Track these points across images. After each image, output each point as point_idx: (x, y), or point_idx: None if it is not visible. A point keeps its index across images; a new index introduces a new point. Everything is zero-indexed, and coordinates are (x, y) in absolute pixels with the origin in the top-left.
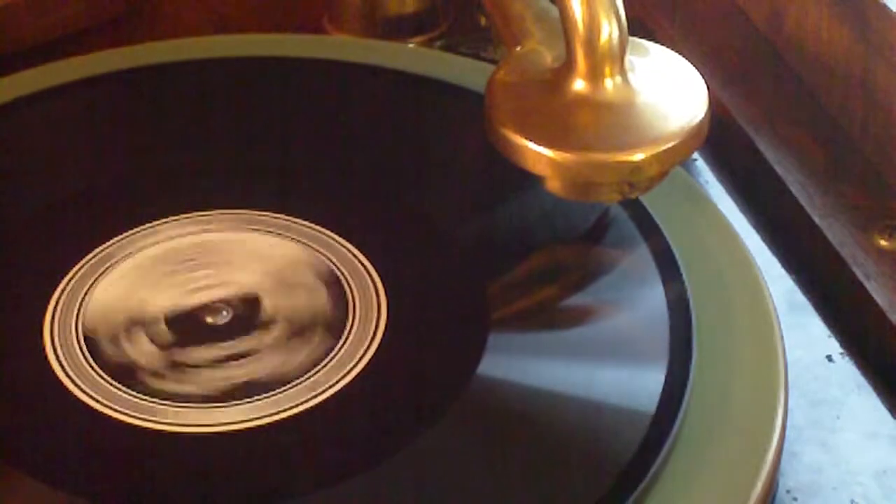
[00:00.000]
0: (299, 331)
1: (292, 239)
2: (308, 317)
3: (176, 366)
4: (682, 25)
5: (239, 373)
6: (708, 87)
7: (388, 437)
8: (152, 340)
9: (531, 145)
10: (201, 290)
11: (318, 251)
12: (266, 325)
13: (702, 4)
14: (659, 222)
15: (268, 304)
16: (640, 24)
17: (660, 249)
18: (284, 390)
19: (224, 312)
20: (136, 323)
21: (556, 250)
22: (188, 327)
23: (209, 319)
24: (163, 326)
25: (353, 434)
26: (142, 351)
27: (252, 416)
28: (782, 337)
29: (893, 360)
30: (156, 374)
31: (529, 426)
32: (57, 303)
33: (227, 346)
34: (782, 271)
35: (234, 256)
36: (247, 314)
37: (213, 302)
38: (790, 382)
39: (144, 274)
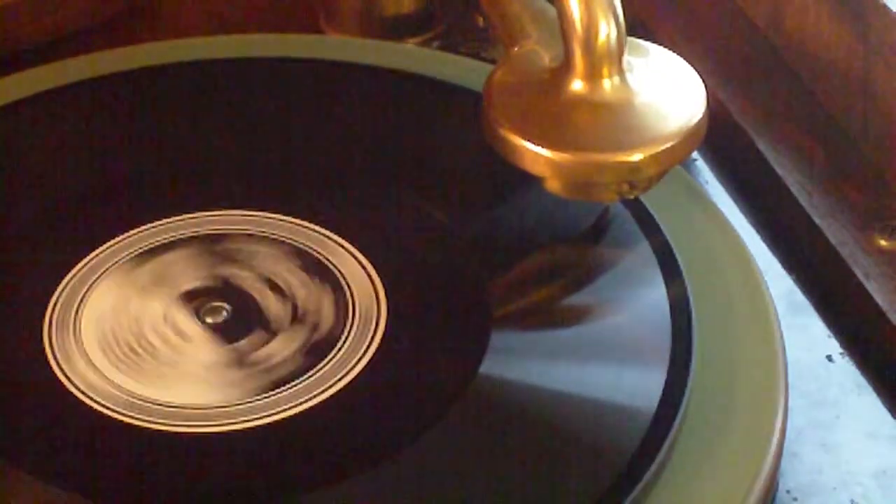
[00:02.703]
0: (299, 331)
1: (292, 239)
2: (308, 317)
3: (175, 366)
4: (682, 25)
5: (238, 373)
6: (708, 87)
7: (388, 436)
8: (152, 340)
9: (529, 146)
10: (201, 290)
11: (317, 251)
12: (265, 325)
13: (702, 4)
14: (659, 222)
15: (267, 305)
16: (640, 24)
17: (660, 249)
18: (284, 390)
19: (224, 312)
20: (136, 323)
21: (556, 250)
22: (187, 327)
23: (208, 319)
24: (162, 326)
25: (353, 434)
26: (142, 350)
27: (252, 417)
28: (782, 337)
29: (893, 360)
30: (155, 374)
31: (530, 425)
32: (57, 303)
33: (226, 346)
34: (782, 271)
35: (234, 256)
36: (246, 314)
37: (213, 302)
38: (790, 382)
39: (144, 274)
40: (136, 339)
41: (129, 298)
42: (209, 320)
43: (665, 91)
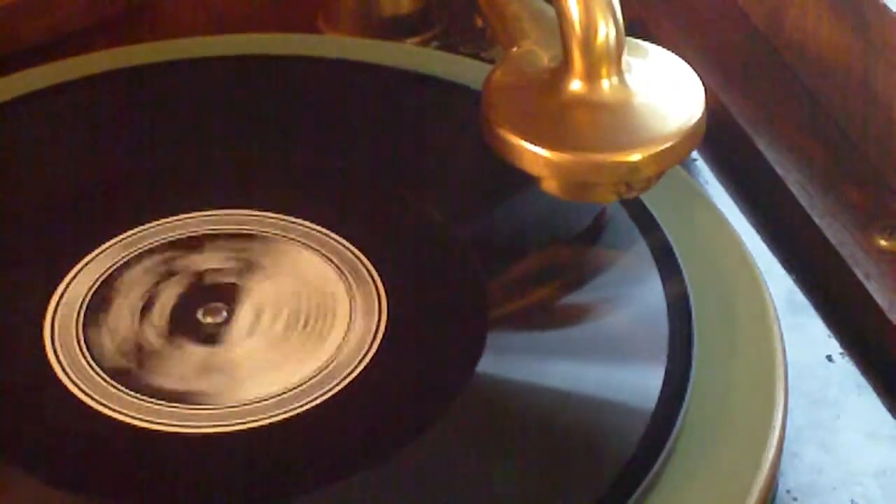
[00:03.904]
0: (298, 331)
1: (292, 239)
2: (307, 317)
3: (175, 365)
4: (682, 25)
5: (238, 373)
6: (708, 87)
7: (387, 436)
8: (152, 340)
9: (528, 146)
10: (201, 290)
11: (317, 251)
12: (265, 324)
13: (702, 4)
14: (659, 222)
15: (267, 304)
16: (640, 24)
17: (660, 249)
18: (284, 391)
19: (223, 312)
20: (136, 322)
21: (556, 249)
22: (187, 327)
23: (208, 319)
24: (162, 326)
25: (353, 434)
26: (142, 350)
27: (252, 417)
28: (782, 337)
29: (893, 360)
30: (155, 374)
31: (529, 425)
32: (57, 303)
33: (226, 346)
34: (782, 271)
35: (233, 257)
36: (246, 314)
37: (212, 302)
38: (790, 382)
39: (144, 274)
40: (137, 342)
41: (128, 300)
42: (209, 320)
43: (664, 91)
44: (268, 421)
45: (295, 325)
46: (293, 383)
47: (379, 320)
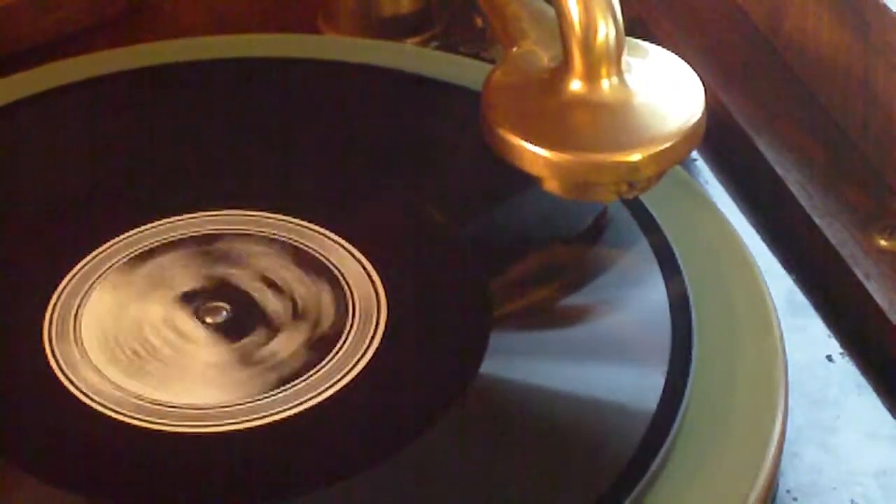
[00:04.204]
0: (301, 327)
1: (291, 239)
2: (307, 317)
3: (179, 367)
4: (682, 25)
5: (244, 371)
6: (708, 87)
7: (388, 436)
8: (154, 342)
9: (528, 146)
10: (201, 290)
11: (317, 251)
12: (265, 325)
13: (702, 4)
14: (659, 222)
15: (267, 305)
16: (640, 24)
17: (660, 249)
18: (284, 390)
19: (223, 312)
20: (136, 323)
21: (556, 250)
22: (187, 327)
23: (208, 319)
24: (162, 326)
25: (353, 434)
26: (142, 351)
27: (252, 417)
28: (782, 337)
29: (893, 360)
30: (160, 376)
31: (530, 425)
32: (57, 303)
33: (225, 346)
34: (782, 271)
35: (234, 256)
36: (245, 314)
37: (212, 302)
38: (790, 382)
39: (144, 274)
40: (138, 342)
41: (129, 301)
42: (209, 320)
43: (664, 91)
44: (268, 421)
45: (294, 326)
46: (292, 384)
47: (379, 321)
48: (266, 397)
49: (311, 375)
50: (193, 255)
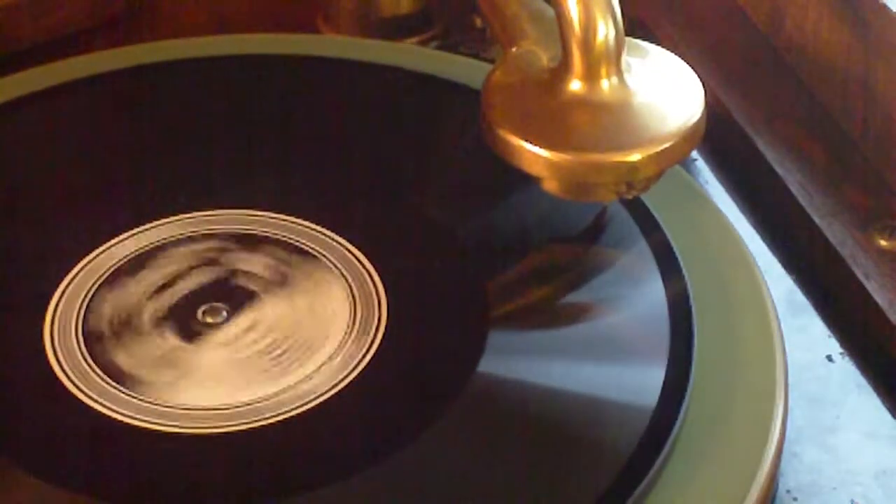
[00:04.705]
0: (298, 331)
1: (291, 238)
2: (307, 317)
3: (175, 365)
4: (682, 25)
5: (238, 373)
6: (708, 87)
7: (388, 436)
8: (152, 340)
9: (528, 146)
10: (201, 290)
11: (317, 251)
12: (265, 325)
13: (702, 4)
14: (659, 222)
15: (267, 305)
16: (640, 24)
17: (660, 249)
18: (284, 391)
19: (223, 312)
20: (136, 323)
21: (556, 249)
22: (187, 327)
23: (208, 319)
24: (162, 326)
25: (353, 434)
26: (142, 351)
27: (252, 417)
28: (782, 337)
29: (893, 360)
30: (154, 374)
31: (529, 425)
32: (57, 303)
33: (225, 346)
34: (782, 271)
35: (234, 256)
36: (245, 314)
37: (213, 301)
38: (790, 382)
39: (144, 274)
40: (138, 339)
41: (129, 298)
42: (209, 320)
43: (663, 91)
44: (268, 421)
45: (294, 326)
46: (292, 384)
47: (379, 320)
48: (266, 398)
49: (311, 375)
50: (193, 255)
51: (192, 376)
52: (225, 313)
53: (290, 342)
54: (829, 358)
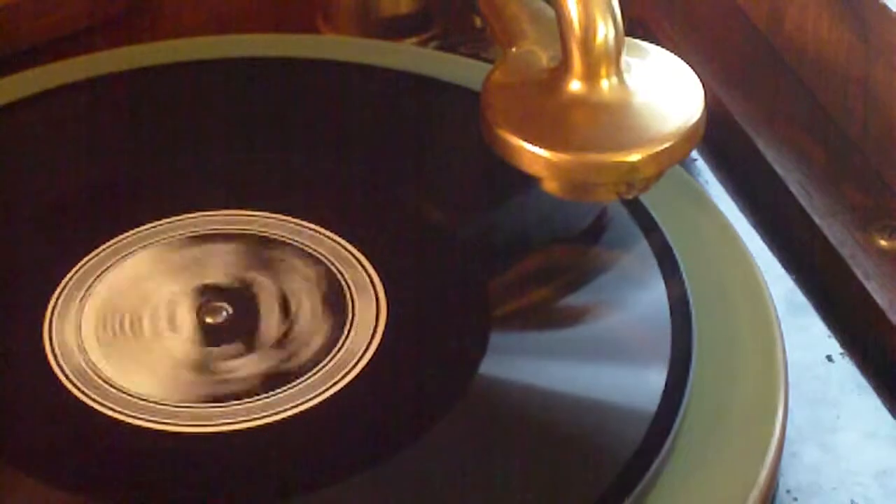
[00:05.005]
0: (298, 331)
1: (291, 239)
2: (307, 317)
3: (175, 365)
4: (682, 25)
5: (238, 373)
6: (708, 87)
7: (388, 436)
8: (144, 322)
9: (527, 146)
10: (200, 290)
11: (317, 251)
12: (265, 325)
13: (702, 4)
14: (659, 222)
15: (266, 305)
16: (640, 24)
17: (660, 249)
18: (284, 390)
19: (224, 312)
20: (136, 323)
21: (556, 250)
22: (187, 326)
23: (208, 319)
24: (162, 326)
25: (353, 434)
26: (141, 350)
27: (252, 417)
28: (782, 337)
29: (893, 360)
30: (155, 373)
31: (530, 426)
32: (57, 303)
33: (225, 346)
34: (782, 271)
35: (234, 256)
36: (246, 314)
37: (213, 301)
38: (790, 382)
39: (144, 274)
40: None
41: (129, 298)
42: (208, 320)
43: (663, 91)
44: (268, 421)
45: (294, 326)
46: (292, 384)
47: (378, 321)
48: (266, 397)
49: (310, 375)
50: (192, 255)
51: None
52: (225, 313)
53: (290, 341)
54: (829, 358)
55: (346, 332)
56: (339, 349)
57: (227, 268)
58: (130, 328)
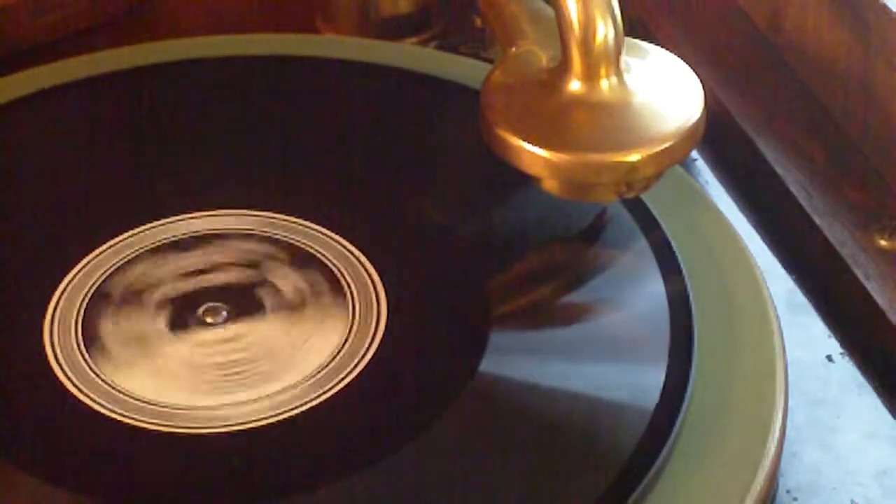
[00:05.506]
0: (298, 331)
1: (291, 238)
2: (308, 317)
3: (175, 365)
4: (682, 25)
5: (238, 373)
6: (708, 87)
7: (388, 436)
8: (152, 340)
9: (527, 146)
10: (201, 290)
11: (318, 251)
12: (265, 325)
13: (702, 4)
14: (659, 222)
15: (267, 305)
16: (640, 25)
17: (660, 249)
18: (284, 390)
19: (224, 312)
20: (136, 323)
21: (556, 249)
22: (187, 327)
23: (209, 319)
24: (162, 326)
25: (353, 434)
26: (142, 351)
27: (252, 417)
28: (782, 337)
29: (893, 360)
30: (155, 374)
31: (530, 425)
32: (57, 303)
33: (226, 346)
34: (782, 271)
35: (234, 256)
36: (246, 314)
37: (213, 302)
38: (790, 382)
39: (144, 274)
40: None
41: (129, 298)
42: (209, 320)
43: (663, 91)
44: (268, 421)
45: (294, 326)
46: (293, 384)
47: (379, 321)
48: (266, 397)
49: (310, 376)
50: (193, 255)
51: (192, 374)
52: (225, 313)
53: (290, 341)
54: (829, 358)
55: (346, 333)
56: (339, 349)
57: (229, 269)
58: (131, 328)
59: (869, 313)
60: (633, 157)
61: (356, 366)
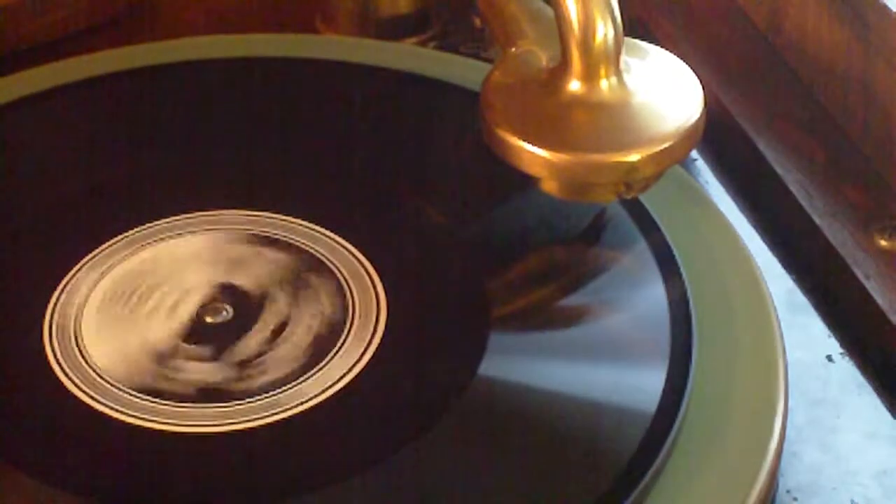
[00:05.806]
0: (299, 331)
1: (291, 239)
2: (308, 317)
3: (175, 365)
4: (682, 25)
5: (238, 373)
6: (707, 87)
7: (388, 437)
8: (152, 340)
9: (527, 146)
10: (202, 290)
11: (317, 251)
12: (265, 324)
13: (702, 4)
14: (659, 222)
15: (267, 304)
16: (640, 24)
17: (660, 249)
18: (284, 390)
19: (224, 312)
20: (136, 323)
21: (556, 250)
22: (188, 327)
23: (209, 319)
24: (163, 325)
25: (352, 434)
26: (142, 351)
27: (252, 416)
28: (782, 337)
29: (893, 360)
30: (155, 374)
31: (529, 426)
32: (57, 302)
33: (226, 346)
34: (782, 271)
35: (234, 256)
36: (246, 314)
37: (214, 301)
38: (790, 382)
39: (144, 274)
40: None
41: (129, 298)
42: (209, 320)
43: (662, 91)
44: (268, 421)
45: (294, 326)
46: (293, 384)
47: (379, 321)
48: (266, 397)
49: (310, 376)
50: (193, 255)
51: (192, 374)
52: (225, 313)
53: (290, 341)
54: (829, 358)
55: (345, 332)
56: (339, 349)
57: (229, 269)
58: (131, 328)
59: (869, 313)
60: (633, 157)
61: (356, 367)
